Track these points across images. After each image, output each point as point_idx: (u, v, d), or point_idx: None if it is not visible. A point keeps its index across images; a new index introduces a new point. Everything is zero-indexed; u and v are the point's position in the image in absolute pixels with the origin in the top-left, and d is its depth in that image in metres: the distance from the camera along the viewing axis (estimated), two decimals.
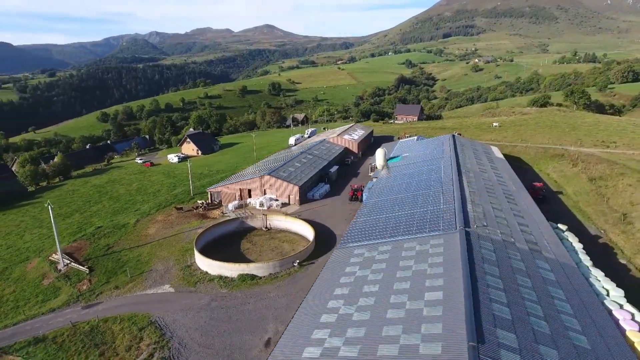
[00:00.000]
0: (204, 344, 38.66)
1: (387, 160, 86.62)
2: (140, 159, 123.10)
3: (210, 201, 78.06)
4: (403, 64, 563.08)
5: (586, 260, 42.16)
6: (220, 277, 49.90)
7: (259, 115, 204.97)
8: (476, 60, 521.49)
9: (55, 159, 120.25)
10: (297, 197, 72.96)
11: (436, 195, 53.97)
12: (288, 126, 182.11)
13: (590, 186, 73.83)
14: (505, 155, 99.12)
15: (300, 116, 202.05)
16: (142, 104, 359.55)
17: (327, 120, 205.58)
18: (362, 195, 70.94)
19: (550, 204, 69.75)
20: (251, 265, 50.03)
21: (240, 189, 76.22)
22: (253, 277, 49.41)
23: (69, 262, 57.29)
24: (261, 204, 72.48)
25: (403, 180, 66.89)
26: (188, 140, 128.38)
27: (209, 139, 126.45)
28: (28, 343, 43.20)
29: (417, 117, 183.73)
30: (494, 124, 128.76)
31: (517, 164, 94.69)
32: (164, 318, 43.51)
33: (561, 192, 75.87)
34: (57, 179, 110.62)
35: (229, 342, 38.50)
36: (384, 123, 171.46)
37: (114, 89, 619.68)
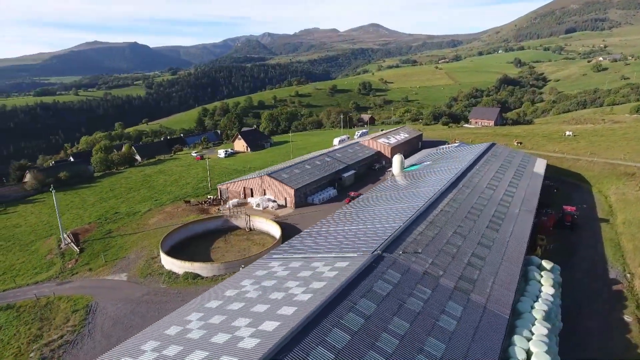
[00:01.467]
0: (106, 334, 39.98)
1: (407, 167, 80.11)
2: (195, 153, 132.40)
3: (219, 197, 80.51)
4: (511, 62, 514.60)
5: (540, 309, 33.44)
6: (169, 273, 51.06)
7: (325, 114, 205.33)
8: (600, 58, 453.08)
9: (123, 149, 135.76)
10: (293, 200, 71.32)
11: (396, 211, 48.01)
12: (353, 126, 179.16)
13: None
14: (563, 170, 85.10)
15: (366, 117, 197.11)
16: (238, 100, 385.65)
17: (408, 121, 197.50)
18: None
19: (579, 233, 57.43)
20: (195, 264, 50.23)
21: (244, 188, 77.18)
22: (196, 276, 49.59)
23: (68, 242, 63.97)
24: (257, 205, 72.47)
25: (387, 192, 61.05)
26: (239, 137, 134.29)
27: (259, 137, 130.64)
28: (0, 308, 49.27)
29: (493, 122, 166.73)
30: (567, 132, 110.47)
31: (574, 181, 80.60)
32: (99, 304, 46.01)
33: (607, 220, 61.99)
34: (123, 167, 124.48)
35: (126, 336, 39.12)
36: (455, 127, 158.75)
37: (223, 86, 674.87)
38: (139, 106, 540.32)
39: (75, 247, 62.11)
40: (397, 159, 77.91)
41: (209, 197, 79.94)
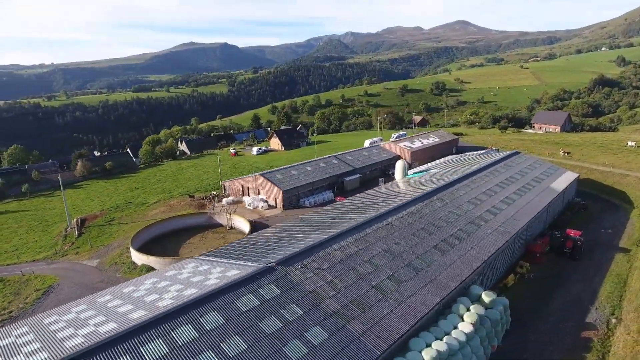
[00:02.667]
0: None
1: (414, 173, 74.92)
2: (233, 149, 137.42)
3: (224, 193, 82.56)
4: (613, 61, 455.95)
5: (434, 349, 28.79)
6: (131, 264, 53.50)
7: (374, 115, 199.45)
8: None
9: (168, 143, 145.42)
10: (282, 201, 70.58)
11: (339, 221, 44.87)
12: (402, 128, 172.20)
13: None
14: (604, 187, 74.02)
15: (417, 118, 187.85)
16: (306, 99, 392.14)
17: (464, 124, 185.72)
18: None
19: (581, 263, 48.88)
20: (150, 258, 51.92)
21: (242, 186, 78.21)
22: (150, 269, 51.21)
23: (73, 226, 70.21)
24: (249, 204, 72.95)
25: (358, 199, 57.43)
26: (275, 135, 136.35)
27: (296, 136, 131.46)
28: None
29: (559, 127, 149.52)
30: (629, 143, 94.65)
31: (613, 201, 69.32)
32: (59, 285, 49.86)
33: (628, 251, 51.98)
34: (167, 160, 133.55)
35: None
36: (512, 132, 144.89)
37: (300, 84, 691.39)
38: (220, 103, 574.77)
39: (76, 232, 67.92)
40: (399, 165, 73.09)
41: (213, 193, 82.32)
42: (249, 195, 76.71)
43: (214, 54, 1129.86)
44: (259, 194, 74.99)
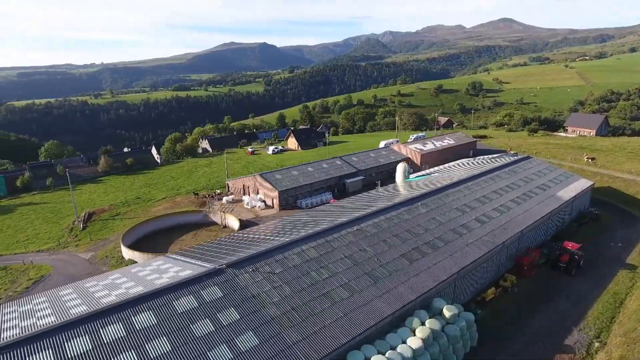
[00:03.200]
0: None
1: (418, 176, 72.66)
2: (251, 148, 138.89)
3: (227, 192, 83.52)
4: None
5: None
6: (119, 258, 55.07)
7: (398, 115, 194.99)
8: None
9: (188, 141, 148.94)
10: (278, 202, 70.40)
11: (310, 225, 43.92)
12: (425, 130, 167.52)
13: None
14: (625, 196, 68.88)
15: (443, 119, 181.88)
16: (338, 99, 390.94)
17: (492, 126, 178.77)
18: None
19: (576, 279, 45.37)
20: (135, 253, 53.16)
21: (243, 185, 78.74)
22: (134, 263, 52.47)
23: (80, 220, 73.28)
24: (247, 203, 73.33)
25: (353, 202, 56.03)
26: (292, 135, 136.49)
27: (313, 136, 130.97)
28: None
29: (594, 131, 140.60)
30: None
31: (632, 211, 64.75)
32: (50, 276, 52.07)
33: (634, 268, 47.75)
34: (186, 157, 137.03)
35: None
36: (542, 135, 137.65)
37: (336, 84, 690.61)
38: (256, 101, 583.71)
39: (81, 225, 70.85)
40: (400, 167, 70.99)
41: (217, 191, 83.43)
42: (248, 195, 77.09)
43: (253, 54, 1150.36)
44: (258, 193, 75.19)
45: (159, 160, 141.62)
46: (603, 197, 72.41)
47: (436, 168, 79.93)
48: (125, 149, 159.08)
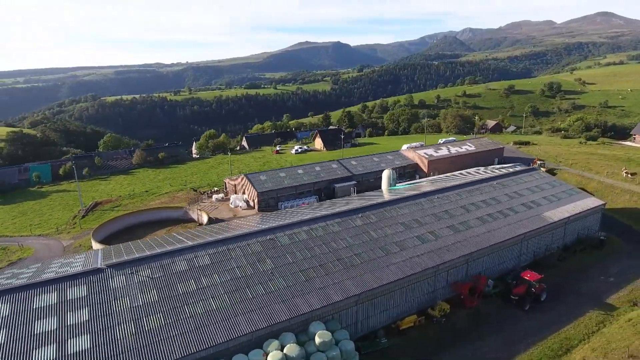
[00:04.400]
0: None
1: (406, 184, 67.91)
2: (279, 147, 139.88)
3: (225, 190, 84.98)
4: None
5: None
6: (89, 248, 58.34)
7: (442, 117, 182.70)
8: None
9: (220, 138, 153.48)
10: (257, 203, 69.99)
11: (246, 228, 42.56)
12: (468, 133, 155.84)
13: None
14: None
15: (490, 123, 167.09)
16: (398, 99, 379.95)
17: (547, 132, 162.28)
18: None
19: (522, 315, 39.02)
20: (96, 245, 55.86)
21: (234, 185, 79.44)
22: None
23: (83, 209, 79.09)
24: (231, 202, 73.89)
25: (314, 208, 53.63)
26: (318, 135, 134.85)
27: (339, 136, 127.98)
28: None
29: None
30: None
31: None
32: (26, 259, 56.72)
33: (612, 310, 39.97)
34: (218, 153, 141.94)
35: None
36: (597, 144, 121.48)
37: (405, 83, 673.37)
38: (322, 100, 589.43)
39: (81, 214, 76.46)
40: (385, 174, 66.64)
41: (215, 189, 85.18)
42: (237, 194, 77.59)
43: (326, 53, 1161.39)
44: (244, 193, 75.36)
45: (197, 155, 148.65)
46: (628, 220, 61.72)
47: (433, 177, 73.89)
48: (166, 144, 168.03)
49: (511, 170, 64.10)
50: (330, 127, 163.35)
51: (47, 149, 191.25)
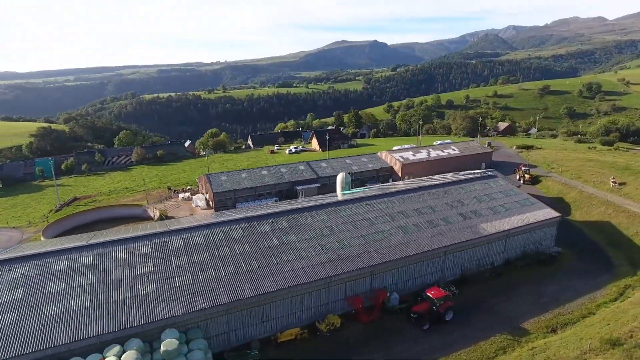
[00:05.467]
0: None
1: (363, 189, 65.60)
2: (277, 146, 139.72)
3: (199, 188, 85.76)
4: None
5: None
6: (40, 239, 60.47)
7: (452, 119, 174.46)
8: None
9: (220, 137, 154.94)
10: (213, 202, 70.02)
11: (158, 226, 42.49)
12: (476, 135, 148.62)
13: None
14: (622, 238, 54.30)
15: (502, 125, 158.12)
16: (425, 99, 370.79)
17: (563, 135, 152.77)
18: None
19: (419, 335, 36.33)
20: (42, 238, 57.69)
21: (200, 184, 79.92)
22: None
23: (60, 204, 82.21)
24: (193, 201, 74.39)
25: (240, 211, 52.82)
26: (314, 136, 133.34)
27: (337, 137, 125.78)
28: None
29: None
30: None
31: (613, 259, 50.14)
32: None
33: (522, 336, 36.52)
34: (219, 152, 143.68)
35: None
36: (606, 150, 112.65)
37: (439, 82, 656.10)
38: (352, 99, 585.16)
39: (57, 208, 79.54)
40: (339, 178, 64.40)
41: (188, 187, 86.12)
42: (201, 193, 78.00)
43: (362, 52, 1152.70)
44: (205, 193, 75.59)
45: (204, 153, 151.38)
46: (597, 235, 56.44)
47: (396, 182, 70.87)
48: (187, 142, 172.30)
49: (470, 176, 60.19)
50: (330, 127, 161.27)
51: (74, 144, 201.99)
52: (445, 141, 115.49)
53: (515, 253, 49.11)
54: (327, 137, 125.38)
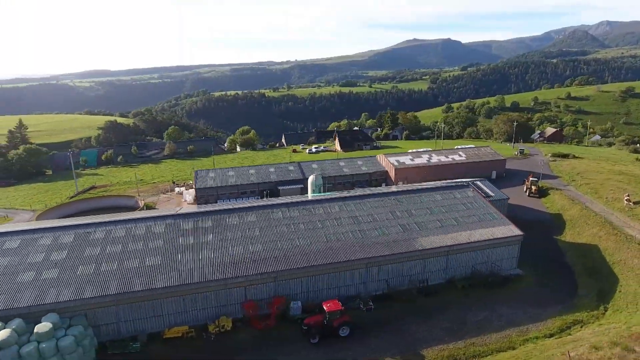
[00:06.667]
0: None
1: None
2: (302, 146, 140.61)
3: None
4: None
5: None
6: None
7: (494, 122, 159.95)
8: None
9: (249, 134, 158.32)
10: (194, 198, 72.80)
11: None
12: (518, 140, 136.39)
13: None
14: (599, 264, 48.25)
15: (549, 130, 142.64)
16: (488, 100, 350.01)
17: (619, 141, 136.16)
18: None
19: (302, 347, 35.04)
20: (38, 221, 64.01)
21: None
22: None
23: (78, 191, 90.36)
24: (183, 196, 77.89)
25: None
26: (337, 136, 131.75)
27: (360, 138, 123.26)
28: None
29: None
30: None
31: (579, 286, 44.31)
32: None
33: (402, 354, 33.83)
34: (246, 149, 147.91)
35: None
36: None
37: (512, 83, 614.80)
38: (416, 99, 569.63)
39: (74, 195, 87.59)
40: (309, 180, 63.99)
41: (189, 182, 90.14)
42: (193, 189, 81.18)
43: (434, 50, 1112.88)
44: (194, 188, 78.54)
45: (239, 149, 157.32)
46: (578, 258, 49.91)
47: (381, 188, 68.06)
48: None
49: (439, 185, 56.15)
50: (355, 128, 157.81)
51: (134, 137, 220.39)
52: (469, 146, 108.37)
53: (462, 272, 44.96)
54: (348, 138, 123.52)
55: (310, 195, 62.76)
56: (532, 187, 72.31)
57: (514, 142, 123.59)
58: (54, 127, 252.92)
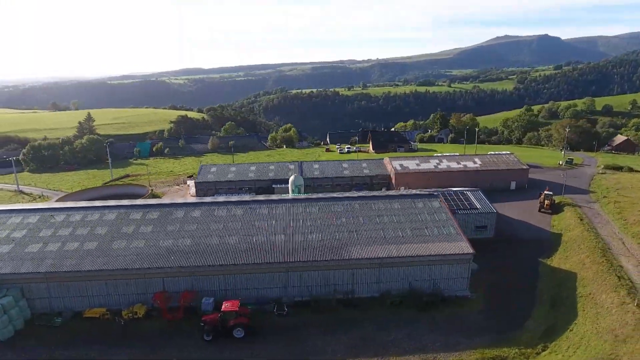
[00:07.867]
0: None
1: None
2: (338, 146, 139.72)
3: None
4: None
5: None
6: None
7: (554, 128, 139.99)
8: None
9: (290, 132, 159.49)
10: (194, 191, 76.91)
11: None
12: (579, 149, 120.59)
13: None
14: (574, 297, 43.55)
15: (619, 138, 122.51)
16: (575, 103, 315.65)
17: None
18: None
19: (196, 342, 35.90)
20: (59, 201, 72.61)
21: None
22: None
23: (113, 178, 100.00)
24: (189, 188, 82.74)
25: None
26: (370, 137, 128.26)
27: (395, 140, 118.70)
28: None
29: None
30: None
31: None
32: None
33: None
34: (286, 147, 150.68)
35: None
36: None
37: (616, 84, 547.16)
38: (499, 100, 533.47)
39: (108, 181, 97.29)
40: (290, 180, 64.31)
41: None
42: None
43: (528, 47, 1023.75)
44: None
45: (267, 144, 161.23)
46: (548, 286, 44.14)
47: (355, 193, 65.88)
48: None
49: (404, 193, 52.90)
50: (392, 129, 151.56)
51: (202, 130, 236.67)
52: (504, 152, 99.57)
53: (398, 287, 42.10)
54: (382, 139, 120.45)
55: (290, 195, 63.01)
56: (546, 201, 64.50)
57: (565, 150, 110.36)
58: (137, 120, 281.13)
